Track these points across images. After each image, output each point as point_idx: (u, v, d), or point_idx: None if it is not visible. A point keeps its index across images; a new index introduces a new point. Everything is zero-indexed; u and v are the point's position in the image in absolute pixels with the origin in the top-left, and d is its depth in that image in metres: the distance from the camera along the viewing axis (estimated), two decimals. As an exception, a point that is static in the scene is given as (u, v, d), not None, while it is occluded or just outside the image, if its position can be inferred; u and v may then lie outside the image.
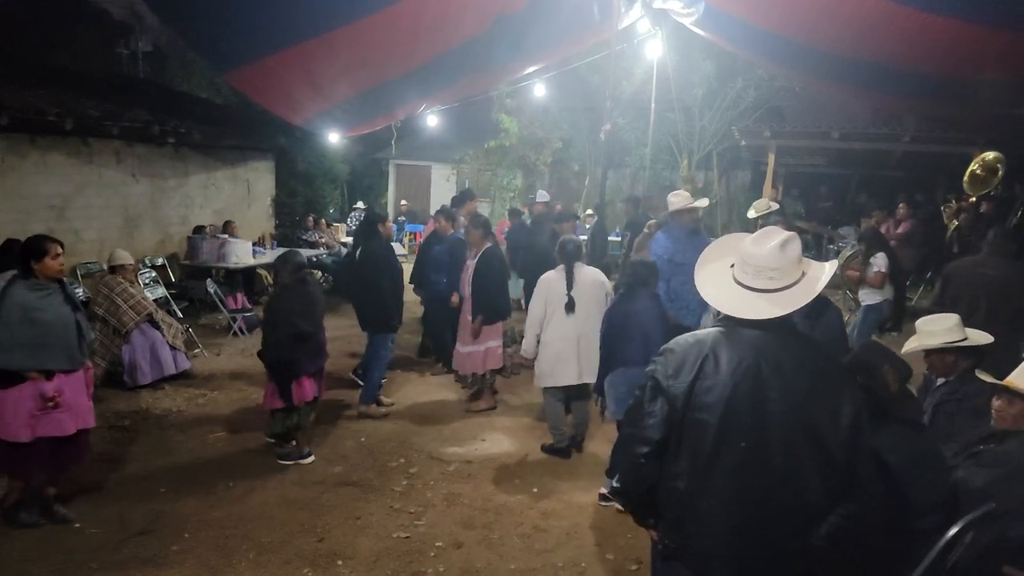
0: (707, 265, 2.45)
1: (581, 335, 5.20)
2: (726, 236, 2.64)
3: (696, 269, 2.48)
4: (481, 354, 6.40)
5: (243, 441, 5.77)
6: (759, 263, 2.25)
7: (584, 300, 5.24)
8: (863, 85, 8.92)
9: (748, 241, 2.32)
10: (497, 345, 6.50)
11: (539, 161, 17.40)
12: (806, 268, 2.29)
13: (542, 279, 5.39)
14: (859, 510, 2.15)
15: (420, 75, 7.49)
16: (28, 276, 4.13)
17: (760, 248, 2.26)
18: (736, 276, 2.31)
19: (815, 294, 2.25)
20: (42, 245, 4.17)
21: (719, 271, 2.39)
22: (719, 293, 2.33)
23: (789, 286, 2.24)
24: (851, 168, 16.04)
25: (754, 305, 2.23)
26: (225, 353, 8.27)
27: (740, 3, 7.29)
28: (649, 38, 9.87)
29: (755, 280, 2.25)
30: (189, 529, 4.34)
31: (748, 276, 2.27)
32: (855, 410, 2.15)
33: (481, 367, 6.44)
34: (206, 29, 6.28)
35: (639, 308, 4.59)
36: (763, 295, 2.24)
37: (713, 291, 2.35)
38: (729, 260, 2.38)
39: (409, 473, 5.25)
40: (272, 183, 13.63)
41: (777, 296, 2.23)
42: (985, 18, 5.66)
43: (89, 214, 9.29)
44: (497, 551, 4.24)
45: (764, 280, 2.24)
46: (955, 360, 3.61)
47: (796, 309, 2.22)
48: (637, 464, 2.30)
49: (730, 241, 2.52)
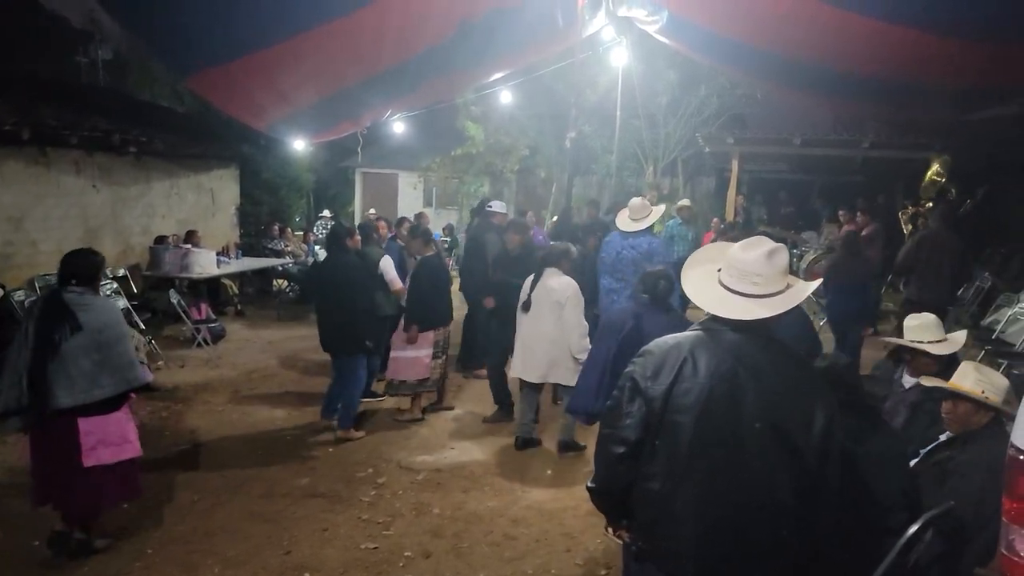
0: (695, 268, 2.51)
1: (532, 335, 5.60)
2: (714, 244, 2.71)
3: (684, 271, 2.54)
4: (414, 360, 6.36)
5: (207, 454, 5.68)
6: (744, 267, 2.29)
7: (539, 304, 5.57)
8: (823, 91, 9.09)
9: (737, 247, 2.38)
10: (426, 355, 6.39)
11: (506, 168, 17.46)
12: (792, 282, 2.34)
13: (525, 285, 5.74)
14: (825, 514, 2.20)
15: (385, 81, 7.46)
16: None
17: (748, 254, 2.31)
18: (722, 279, 2.37)
19: (797, 302, 2.29)
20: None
21: (706, 274, 2.44)
22: (702, 292, 2.38)
23: (772, 294, 2.28)
24: (813, 174, 16.35)
25: (735, 306, 2.28)
26: (189, 365, 8.14)
27: (702, 11, 7.38)
28: (614, 46, 9.97)
29: (739, 284, 2.30)
30: (152, 545, 4.26)
31: (733, 279, 2.32)
32: (828, 416, 2.19)
33: (415, 374, 6.39)
34: (167, 35, 6.20)
35: (654, 327, 4.05)
36: (745, 298, 2.28)
37: (697, 290, 2.41)
38: (715, 265, 2.44)
39: (377, 483, 5.21)
40: (236, 192, 13.48)
41: (759, 301, 2.27)
42: (937, 27, 5.80)
43: (48, 225, 9.10)
44: (466, 560, 4.22)
45: (748, 284, 2.28)
46: (935, 359, 3.72)
47: (776, 314, 2.26)
48: (613, 464, 2.32)
49: (715, 248, 2.62)
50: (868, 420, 2.90)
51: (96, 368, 3.88)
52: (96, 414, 3.94)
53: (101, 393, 3.91)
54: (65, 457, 3.92)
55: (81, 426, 3.91)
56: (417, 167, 19.50)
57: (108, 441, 4.01)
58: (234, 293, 11.47)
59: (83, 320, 3.85)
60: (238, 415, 6.59)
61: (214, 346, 8.81)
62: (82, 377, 3.85)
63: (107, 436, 4.00)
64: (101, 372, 3.90)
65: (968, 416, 3.04)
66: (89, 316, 3.89)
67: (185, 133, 11.66)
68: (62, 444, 3.91)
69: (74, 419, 3.89)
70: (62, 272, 4.06)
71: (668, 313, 4.46)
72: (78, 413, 3.88)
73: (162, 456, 5.58)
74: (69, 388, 3.82)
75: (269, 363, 8.36)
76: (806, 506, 2.17)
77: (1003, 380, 3.06)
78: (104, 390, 3.92)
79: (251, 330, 10.09)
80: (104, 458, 3.98)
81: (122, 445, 4.09)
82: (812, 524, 2.19)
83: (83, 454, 3.91)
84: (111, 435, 4.02)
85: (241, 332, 9.91)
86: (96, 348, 3.88)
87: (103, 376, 3.90)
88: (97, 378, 3.89)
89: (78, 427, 3.90)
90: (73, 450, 3.90)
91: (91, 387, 3.88)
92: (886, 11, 5.76)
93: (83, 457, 3.91)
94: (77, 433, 3.90)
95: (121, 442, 4.08)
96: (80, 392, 3.85)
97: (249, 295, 12.08)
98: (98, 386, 3.90)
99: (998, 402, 2.96)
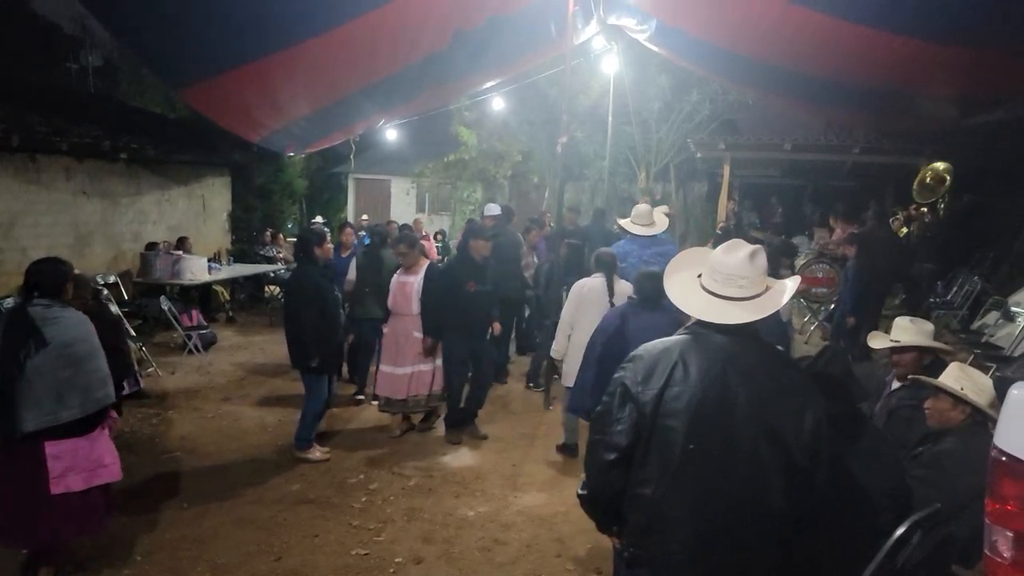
0: (676, 274, 2.53)
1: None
2: (690, 249, 2.73)
3: (665, 278, 2.56)
4: (430, 373, 6.13)
5: (197, 461, 5.66)
6: (730, 272, 2.31)
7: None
8: (812, 100, 9.16)
9: (718, 251, 2.40)
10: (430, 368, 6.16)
11: (499, 174, 17.48)
12: (770, 283, 2.37)
13: (576, 285, 5.62)
14: (810, 512, 2.21)
15: (380, 90, 7.47)
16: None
17: (731, 258, 2.34)
18: (704, 284, 2.38)
19: (782, 304, 2.32)
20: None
21: (687, 280, 2.46)
22: (689, 299, 2.39)
23: (757, 296, 2.31)
24: (804, 179, 16.41)
25: (723, 310, 2.29)
26: (180, 371, 8.11)
27: (691, 20, 7.41)
28: (605, 53, 10.01)
29: (725, 288, 2.32)
30: (142, 552, 4.24)
31: (718, 284, 2.33)
32: (817, 416, 2.21)
33: (428, 388, 6.17)
34: (162, 48, 6.19)
35: (643, 326, 4.31)
36: (732, 302, 2.30)
37: (682, 297, 2.41)
38: (696, 271, 2.45)
39: (369, 489, 5.20)
40: (228, 198, 13.46)
41: (745, 304, 2.30)
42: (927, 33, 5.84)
43: (38, 232, 9.07)
44: (457, 565, 4.22)
45: (734, 288, 2.30)
46: (916, 361, 3.78)
47: (764, 316, 2.28)
48: (604, 470, 2.32)
49: (695, 254, 2.63)
50: (856, 421, 2.92)
51: (64, 387, 3.58)
52: (65, 437, 3.63)
53: (69, 415, 3.60)
54: (30, 485, 3.60)
55: (48, 450, 3.59)
56: (410, 173, 19.52)
57: (79, 467, 3.70)
58: (225, 299, 11.44)
59: (49, 335, 3.56)
60: (229, 421, 6.57)
61: (205, 352, 8.78)
62: (48, 398, 3.54)
63: (77, 462, 3.69)
64: (70, 392, 3.60)
65: (945, 412, 3.11)
66: (56, 331, 3.60)
67: (176, 140, 11.64)
68: (26, 471, 3.60)
69: (40, 443, 3.58)
70: (26, 283, 3.75)
71: (659, 313, 4.46)
72: (44, 437, 3.57)
73: (152, 462, 5.56)
74: (35, 410, 3.52)
75: (260, 370, 8.34)
76: (797, 507, 2.18)
77: (986, 381, 3.11)
78: (72, 411, 3.61)
79: (242, 336, 10.06)
80: (74, 486, 3.67)
81: (95, 471, 3.77)
82: (803, 525, 2.20)
83: (50, 482, 3.61)
84: (81, 460, 3.71)
85: (232, 338, 9.89)
86: (65, 365, 3.59)
87: (71, 396, 3.60)
88: (65, 398, 3.58)
89: (44, 452, 3.59)
90: (40, 477, 3.59)
91: (58, 408, 3.57)
92: (875, 18, 5.81)
93: (50, 485, 3.61)
94: (44, 459, 3.59)
95: (94, 467, 3.77)
96: (46, 414, 3.54)
97: (241, 301, 12.05)
98: (65, 407, 3.59)
99: (976, 400, 3.00)
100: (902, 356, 3.83)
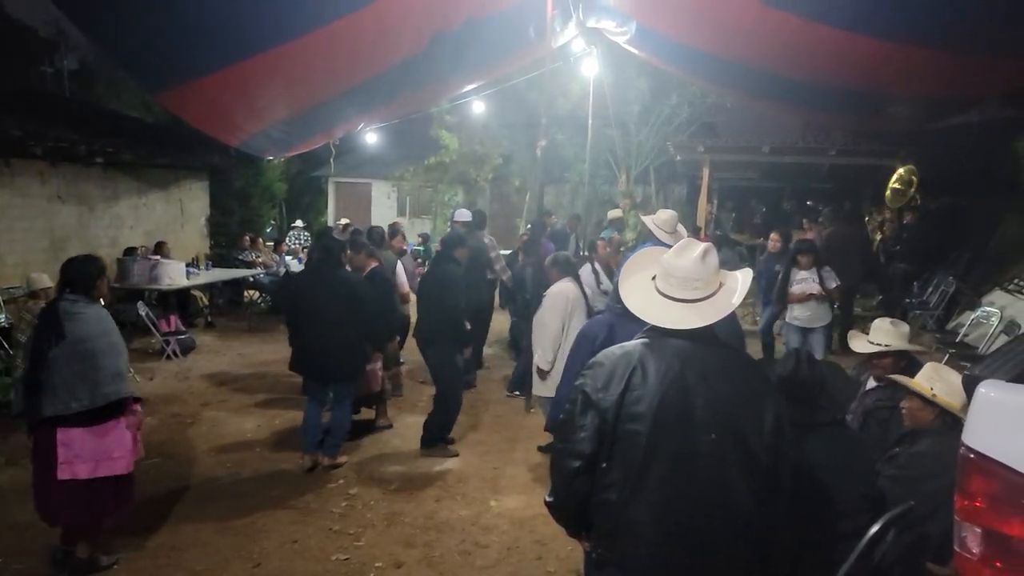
0: (630, 277, 2.51)
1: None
2: (645, 249, 2.71)
3: (620, 281, 2.55)
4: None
5: (176, 467, 5.62)
6: (684, 274, 2.32)
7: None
8: (790, 101, 9.25)
9: (670, 254, 2.40)
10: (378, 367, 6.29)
11: (480, 177, 17.49)
12: (723, 279, 2.38)
13: (557, 294, 5.49)
14: (779, 510, 2.23)
15: (359, 93, 7.45)
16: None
17: (683, 260, 2.34)
18: (659, 287, 2.38)
19: (737, 304, 2.33)
20: None
21: (642, 283, 2.45)
22: (646, 305, 2.39)
23: (711, 295, 2.32)
24: (782, 181, 16.56)
25: (680, 316, 2.30)
26: (158, 377, 8.04)
27: (670, 23, 7.46)
28: (585, 56, 10.04)
29: (681, 291, 2.32)
30: (119, 559, 4.18)
31: (673, 287, 2.33)
32: (777, 414, 2.23)
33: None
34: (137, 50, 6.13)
35: (632, 335, 4.36)
36: (688, 305, 2.31)
37: (640, 303, 2.41)
38: (650, 272, 2.44)
39: (349, 494, 5.18)
40: (207, 202, 13.35)
41: (701, 305, 2.30)
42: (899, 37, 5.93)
43: (12, 237, 8.94)
44: (438, 569, 4.21)
45: (690, 291, 2.31)
46: (895, 362, 3.82)
47: (720, 319, 2.29)
48: (569, 478, 2.31)
49: (649, 254, 2.60)
50: (828, 423, 2.94)
51: (76, 379, 3.79)
52: (76, 426, 3.83)
53: (78, 406, 3.80)
54: (44, 467, 3.87)
55: (59, 437, 3.82)
56: (391, 176, 19.48)
57: (85, 456, 3.88)
58: (204, 304, 11.34)
59: (68, 330, 3.81)
60: (207, 427, 6.52)
61: (183, 358, 8.70)
62: (62, 387, 3.78)
63: (84, 451, 3.87)
64: (81, 384, 3.80)
65: (916, 411, 3.16)
66: (74, 325, 3.83)
67: (154, 143, 11.50)
68: (43, 453, 3.87)
69: (54, 429, 3.81)
70: (60, 280, 4.08)
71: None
72: (58, 423, 3.81)
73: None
74: (51, 397, 3.78)
75: (239, 375, 8.28)
76: (762, 506, 2.20)
77: (959, 380, 3.12)
78: (81, 402, 3.80)
79: (221, 341, 9.98)
80: (79, 473, 3.86)
81: (101, 462, 3.93)
82: (768, 524, 2.22)
83: (57, 467, 3.82)
84: (89, 450, 3.88)
85: (211, 344, 9.80)
86: (79, 359, 3.80)
87: (82, 388, 3.80)
88: (76, 390, 3.79)
89: (56, 437, 3.82)
90: (50, 461, 3.83)
91: (69, 399, 3.79)
92: (851, 21, 5.88)
93: (57, 470, 3.82)
94: (55, 444, 3.82)
95: (101, 458, 3.93)
96: (59, 403, 3.78)
97: (220, 306, 11.96)
98: (75, 398, 3.79)
99: (947, 401, 3.04)
100: (882, 359, 3.87)
